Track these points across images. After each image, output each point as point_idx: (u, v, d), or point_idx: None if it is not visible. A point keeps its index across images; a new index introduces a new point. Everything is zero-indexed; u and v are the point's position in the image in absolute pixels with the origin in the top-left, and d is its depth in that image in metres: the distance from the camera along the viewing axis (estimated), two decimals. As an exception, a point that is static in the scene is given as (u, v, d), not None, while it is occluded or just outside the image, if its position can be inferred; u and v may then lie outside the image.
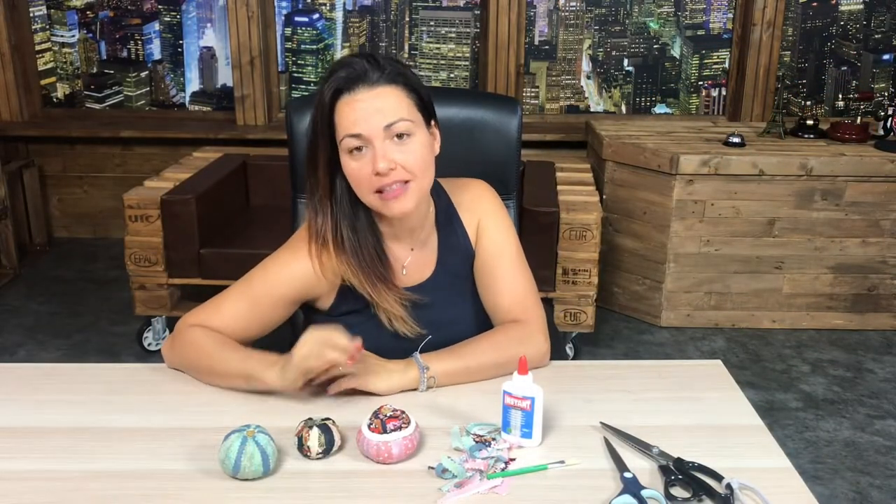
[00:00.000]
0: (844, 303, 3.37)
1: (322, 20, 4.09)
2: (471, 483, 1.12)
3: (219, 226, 3.13)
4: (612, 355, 3.18)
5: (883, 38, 4.00)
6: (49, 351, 3.17)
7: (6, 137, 4.08)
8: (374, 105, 1.30)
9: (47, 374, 1.46)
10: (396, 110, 1.31)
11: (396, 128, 1.31)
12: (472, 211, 1.51)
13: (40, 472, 1.16)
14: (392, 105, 1.31)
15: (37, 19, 4.13)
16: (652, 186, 3.29)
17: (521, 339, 1.42)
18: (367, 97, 1.30)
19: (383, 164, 1.29)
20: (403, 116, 1.31)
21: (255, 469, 1.12)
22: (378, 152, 1.29)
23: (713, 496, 1.10)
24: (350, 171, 1.33)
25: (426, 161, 1.35)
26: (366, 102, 1.30)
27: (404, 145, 1.32)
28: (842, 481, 2.41)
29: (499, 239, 1.50)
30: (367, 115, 1.30)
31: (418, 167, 1.33)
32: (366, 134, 1.30)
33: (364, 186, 1.33)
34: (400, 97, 1.32)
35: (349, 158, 1.32)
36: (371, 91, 1.31)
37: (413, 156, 1.32)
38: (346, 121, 1.31)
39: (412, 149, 1.32)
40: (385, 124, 1.30)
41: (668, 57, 4.08)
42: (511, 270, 1.49)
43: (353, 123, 1.30)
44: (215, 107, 4.22)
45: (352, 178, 1.34)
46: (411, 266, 1.47)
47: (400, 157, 1.31)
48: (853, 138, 3.37)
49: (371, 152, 1.30)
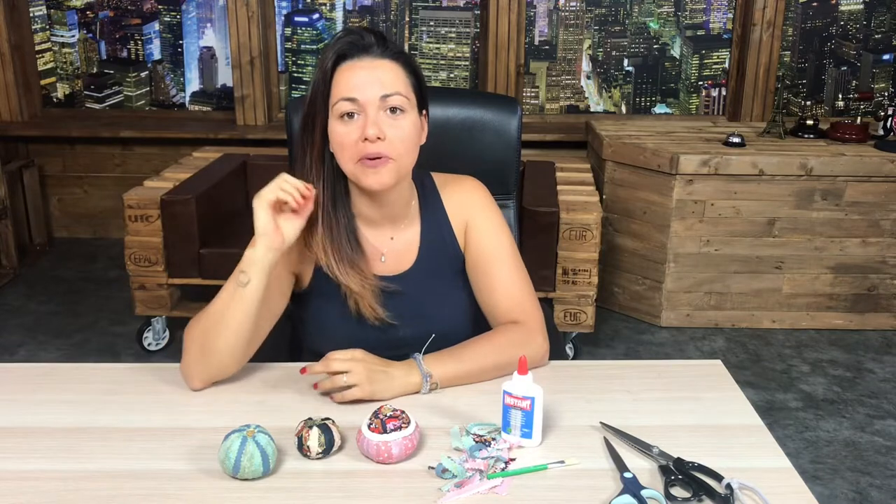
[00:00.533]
0: (844, 303, 3.37)
1: (322, 20, 4.09)
2: (471, 483, 1.12)
3: (219, 226, 3.12)
4: (612, 355, 3.18)
5: (883, 38, 4.00)
6: (49, 351, 3.17)
7: (6, 137, 4.08)
8: (375, 74, 1.32)
9: (47, 374, 1.45)
10: (395, 83, 1.33)
11: (392, 100, 1.32)
12: (460, 208, 1.49)
13: (40, 472, 1.16)
14: (391, 78, 1.33)
15: (37, 19, 4.13)
16: (652, 186, 3.29)
17: (521, 342, 1.42)
18: (368, 66, 1.32)
19: (372, 131, 1.30)
20: (400, 91, 1.33)
21: (255, 469, 1.12)
22: (370, 119, 1.31)
23: (713, 496, 1.10)
24: (337, 135, 1.34)
25: (412, 142, 1.36)
26: (366, 70, 1.32)
27: (396, 120, 1.33)
28: (842, 481, 2.41)
29: (492, 238, 1.48)
30: (366, 81, 1.31)
31: (404, 146, 1.34)
32: (361, 100, 1.31)
33: (348, 153, 1.33)
34: (400, 74, 1.35)
35: (339, 123, 1.33)
36: (374, 61, 1.33)
37: (402, 132, 1.33)
38: (344, 85, 1.32)
39: (402, 125, 1.34)
40: (382, 94, 1.31)
41: (668, 57, 4.08)
42: (507, 271, 1.48)
43: (350, 87, 1.32)
44: (215, 107, 4.22)
45: (336, 144, 1.34)
46: (391, 255, 1.46)
47: (390, 131, 1.32)
48: (853, 138, 3.37)
49: (362, 119, 1.31)
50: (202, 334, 1.35)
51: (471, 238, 1.49)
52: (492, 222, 1.49)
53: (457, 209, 1.49)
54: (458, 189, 1.51)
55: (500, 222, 1.51)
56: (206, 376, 1.36)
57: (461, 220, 1.49)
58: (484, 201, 1.51)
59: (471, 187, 1.52)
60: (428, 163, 1.49)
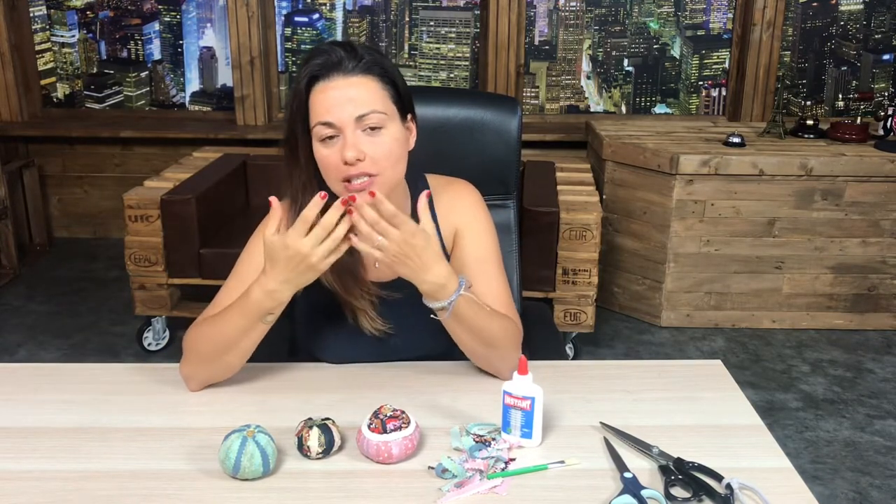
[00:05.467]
0: (844, 303, 3.37)
1: (322, 20, 4.09)
2: (471, 483, 1.12)
3: (219, 226, 3.12)
4: (612, 355, 3.18)
5: (883, 38, 4.00)
6: (49, 351, 3.17)
7: (6, 137, 4.09)
8: (348, 94, 1.30)
9: (47, 374, 1.45)
10: (369, 101, 1.30)
11: (368, 119, 1.30)
12: (451, 212, 1.47)
13: (40, 472, 1.16)
14: (365, 96, 1.30)
15: (37, 19, 4.13)
16: (652, 186, 3.29)
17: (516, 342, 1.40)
18: (341, 85, 1.30)
19: (351, 154, 1.28)
20: (376, 108, 1.31)
21: (255, 469, 1.12)
22: (348, 141, 1.29)
23: (713, 496, 1.10)
24: (320, 157, 1.33)
25: (396, 155, 1.34)
26: (339, 91, 1.30)
27: (375, 137, 1.31)
28: (842, 481, 2.41)
29: (483, 246, 1.46)
30: (339, 103, 1.29)
31: (387, 161, 1.32)
32: (337, 122, 1.29)
33: (332, 174, 1.32)
34: (374, 89, 1.32)
35: (321, 146, 1.32)
36: (346, 80, 1.30)
37: (382, 149, 1.31)
38: (319, 108, 1.30)
39: (382, 142, 1.31)
40: (357, 115, 1.29)
41: (668, 57, 4.08)
42: (496, 279, 1.45)
43: (325, 111, 1.30)
44: (215, 107, 4.22)
45: (321, 165, 1.34)
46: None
47: (369, 149, 1.30)
48: (853, 138, 3.37)
49: (342, 141, 1.30)
50: (209, 347, 1.35)
51: (459, 243, 1.47)
52: (484, 230, 1.47)
53: (447, 213, 1.47)
54: (449, 194, 1.49)
55: (490, 229, 1.49)
56: (207, 382, 1.38)
57: (450, 224, 1.47)
58: (475, 207, 1.49)
59: (463, 192, 1.50)
60: (428, 163, 1.49)
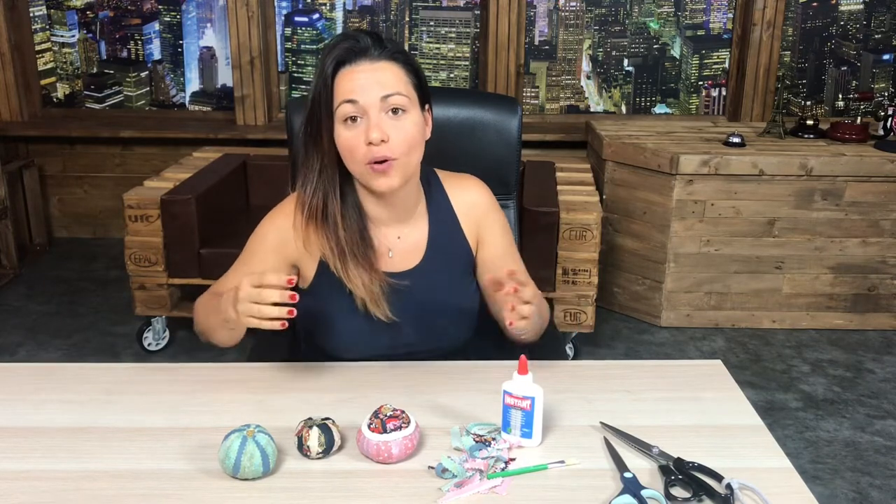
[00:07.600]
0: (844, 303, 3.37)
1: (322, 20, 4.09)
2: (471, 483, 1.12)
3: (219, 226, 3.12)
4: (612, 355, 3.18)
5: (883, 38, 4.00)
6: (49, 351, 3.17)
7: (6, 137, 4.08)
8: (374, 77, 1.33)
9: (47, 374, 1.45)
10: (395, 84, 1.34)
11: (392, 101, 1.33)
12: (472, 209, 1.52)
13: (40, 472, 1.16)
14: (391, 79, 1.34)
15: (37, 19, 4.13)
16: (652, 186, 3.29)
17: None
18: (367, 69, 1.34)
19: (375, 134, 1.31)
20: (401, 91, 1.34)
21: (255, 469, 1.12)
22: (372, 121, 1.32)
23: (713, 496, 1.10)
24: (343, 140, 1.35)
25: (416, 140, 1.37)
26: (366, 73, 1.33)
27: (398, 120, 1.34)
28: (842, 481, 2.41)
29: (507, 235, 1.55)
30: (365, 84, 1.33)
31: (408, 144, 1.35)
32: (362, 102, 1.32)
33: (355, 157, 1.34)
34: (399, 73, 1.36)
35: (343, 128, 1.34)
36: (372, 65, 1.34)
37: (404, 133, 1.34)
38: (344, 89, 1.33)
39: (404, 126, 1.34)
40: (382, 95, 1.32)
41: (668, 57, 4.08)
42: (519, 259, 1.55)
43: (350, 91, 1.33)
44: (215, 107, 4.22)
45: (344, 148, 1.35)
46: (399, 251, 1.47)
47: (393, 133, 1.33)
48: (853, 138, 3.37)
49: (365, 123, 1.33)
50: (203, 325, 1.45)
51: (486, 239, 1.52)
52: (502, 220, 1.55)
53: (467, 209, 1.52)
54: (465, 189, 1.53)
55: (504, 217, 1.57)
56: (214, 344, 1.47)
57: (472, 220, 1.52)
58: (493, 203, 1.55)
59: (479, 188, 1.55)
60: (429, 163, 1.49)
